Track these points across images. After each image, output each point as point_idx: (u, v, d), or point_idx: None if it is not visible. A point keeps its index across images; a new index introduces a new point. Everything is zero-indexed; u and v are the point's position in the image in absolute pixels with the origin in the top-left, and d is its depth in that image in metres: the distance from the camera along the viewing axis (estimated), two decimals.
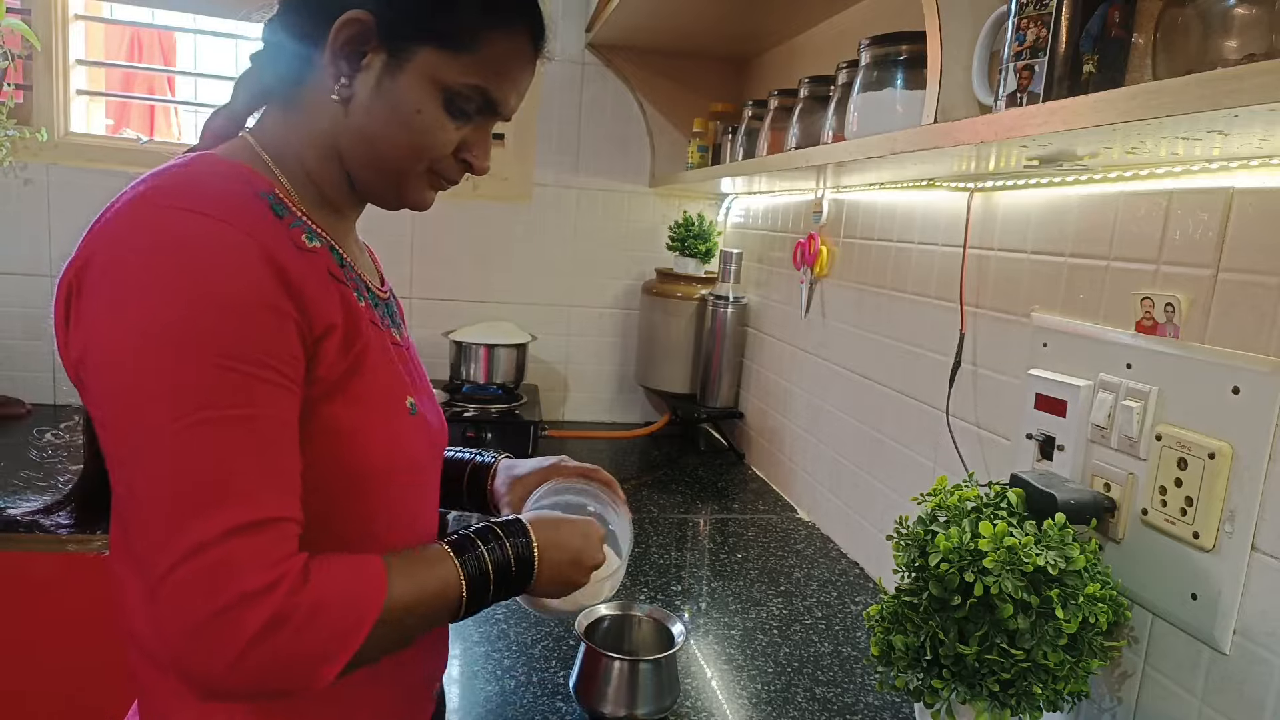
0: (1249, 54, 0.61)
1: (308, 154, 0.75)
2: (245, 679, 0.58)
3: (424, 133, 0.74)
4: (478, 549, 0.74)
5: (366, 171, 0.76)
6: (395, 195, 0.79)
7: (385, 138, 0.73)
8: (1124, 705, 0.89)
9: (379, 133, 0.73)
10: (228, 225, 0.63)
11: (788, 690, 1.07)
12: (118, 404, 0.60)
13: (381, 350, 0.76)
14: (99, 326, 0.61)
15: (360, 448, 0.72)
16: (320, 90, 0.73)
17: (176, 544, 0.57)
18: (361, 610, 0.63)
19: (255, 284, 0.63)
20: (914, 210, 1.36)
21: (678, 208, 2.35)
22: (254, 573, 0.58)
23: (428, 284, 2.25)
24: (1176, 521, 0.82)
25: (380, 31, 0.71)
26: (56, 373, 2.08)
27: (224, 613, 0.57)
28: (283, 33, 0.75)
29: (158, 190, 0.64)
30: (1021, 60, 0.79)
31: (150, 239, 0.62)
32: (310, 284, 0.67)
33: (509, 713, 0.98)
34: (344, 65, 0.72)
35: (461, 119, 0.75)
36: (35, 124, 1.99)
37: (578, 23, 2.22)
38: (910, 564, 0.86)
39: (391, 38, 0.71)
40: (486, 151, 0.80)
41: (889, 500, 1.41)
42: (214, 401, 0.59)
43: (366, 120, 0.73)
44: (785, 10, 1.73)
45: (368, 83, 0.72)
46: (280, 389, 0.63)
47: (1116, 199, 0.93)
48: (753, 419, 2.07)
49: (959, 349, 1.20)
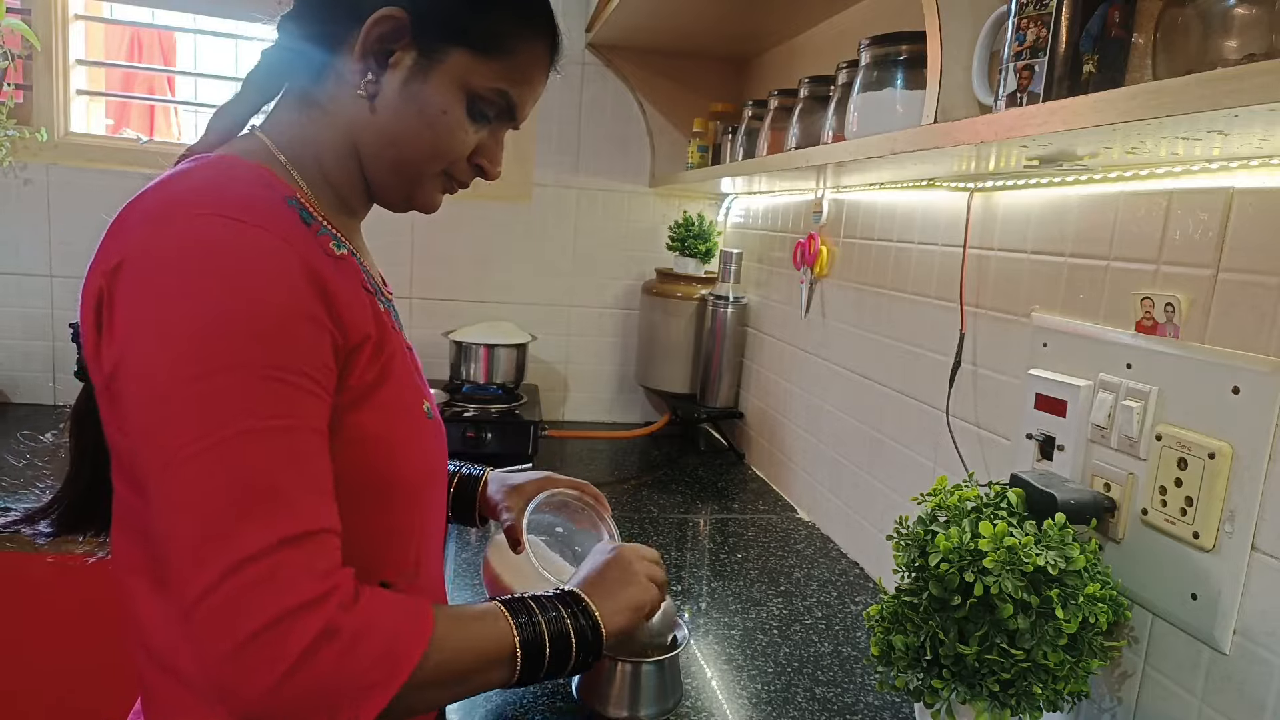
0: (1249, 54, 0.61)
1: (326, 154, 0.74)
2: (289, 701, 0.55)
3: (447, 134, 0.74)
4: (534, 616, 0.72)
5: (384, 171, 0.75)
6: (409, 196, 0.78)
7: (408, 137, 0.73)
8: (1124, 705, 0.89)
9: (402, 131, 0.73)
10: (265, 231, 0.62)
11: (788, 690, 1.07)
12: (154, 414, 0.58)
13: (402, 356, 0.76)
14: (136, 336, 0.59)
15: (386, 454, 0.71)
16: (341, 87, 0.72)
17: (218, 560, 0.54)
18: (410, 638, 0.61)
19: (294, 291, 0.62)
20: (914, 210, 1.36)
21: (678, 208, 2.35)
22: (306, 584, 0.56)
23: (428, 284, 2.25)
24: (1176, 521, 0.82)
25: (414, 30, 0.70)
26: (57, 373, 2.08)
27: (273, 626, 0.54)
28: (304, 28, 0.74)
29: (190, 194, 0.63)
30: (1021, 60, 0.79)
31: (187, 246, 0.60)
32: (344, 293, 0.66)
33: (509, 712, 0.98)
34: (373, 62, 0.71)
35: (481, 123, 0.76)
36: (35, 124, 1.99)
37: (578, 23, 2.22)
38: (910, 564, 0.86)
39: (424, 37, 0.71)
40: (499, 157, 0.80)
41: (889, 500, 1.41)
42: (254, 410, 0.58)
43: (391, 118, 0.72)
44: (785, 10, 1.73)
45: (395, 81, 0.71)
46: (315, 398, 0.62)
47: (1116, 199, 0.93)
48: (753, 419, 2.07)
49: (959, 349, 1.20)
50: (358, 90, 0.72)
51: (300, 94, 0.75)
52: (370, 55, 0.71)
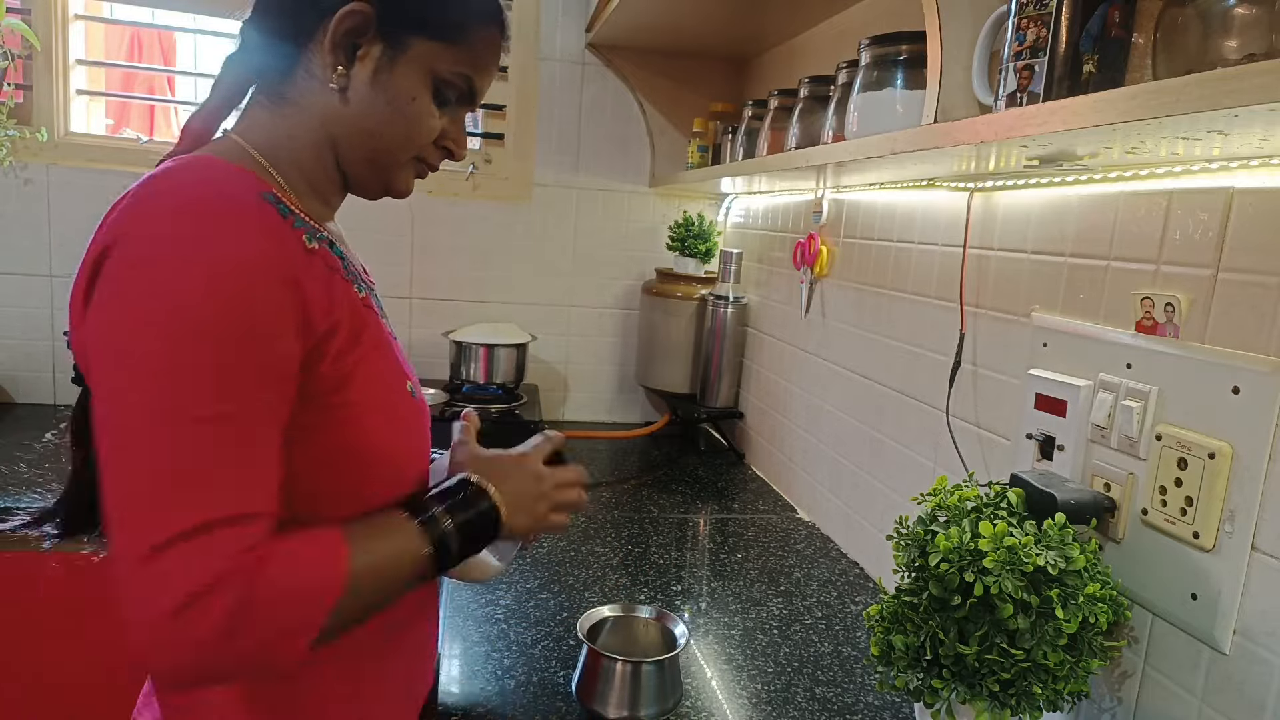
0: (1249, 54, 0.61)
1: (301, 148, 0.77)
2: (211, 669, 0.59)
3: (417, 120, 0.78)
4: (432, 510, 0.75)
5: (360, 160, 0.79)
6: (385, 183, 0.82)
7: (381, 125, 0.77)
8: (1124, 705, 0.89)
9: (375, 120, 0.76)
10: (241, 224, 0.65)
11: (788, 690, 1.07)
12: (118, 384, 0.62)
13: (383, 339, 0.79)
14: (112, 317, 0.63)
15: (372, 431, 0.74)
16: (312, 82, 0.76)
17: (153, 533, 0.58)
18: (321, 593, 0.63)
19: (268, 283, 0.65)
20: (914, 210, 1.36)
21: (678, 208, 2.35)
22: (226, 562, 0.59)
23: (428, 284, 2.25)
24: (1176, 521, 0.82)
25: (379, 22, 0.74)
26: (56, 373, 2.08)
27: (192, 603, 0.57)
28: (269, 28, 0.77)
29: (171, 187, 0.66)
30: (1021, 60, 0.79)
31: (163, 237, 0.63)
32: (318, 284, 0.69)
33: (509, 712, 0.98)
34: (342, 55, 0.74)
35: (445, 107, 0.80)
36: (35, 124, 1.99)
37: (578, 23, 2.22)
38: (910, 564, 0.86)
39: (389, 28, 0.74)
40: (464, 138, 0.84)
41: (889, 500, 1.41)
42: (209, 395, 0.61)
43: (363, 109, 0.76)
44: (785, 10, 1.73)
45: (364, 72, 0.75)
46: (272, 388, 0.65)
47: (1116, 199, 0.93)
48: (752, 419, 2.07)
49: (959, 349, 1.20)
50: (329, 84, 0.75)
51: (271, 92, 0.77)
52: (339, 49, 0.74)
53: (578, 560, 1.43)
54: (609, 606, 1.07)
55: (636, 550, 1.49)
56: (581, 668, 0.99)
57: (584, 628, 1.01)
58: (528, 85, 2.23)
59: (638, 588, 1.34)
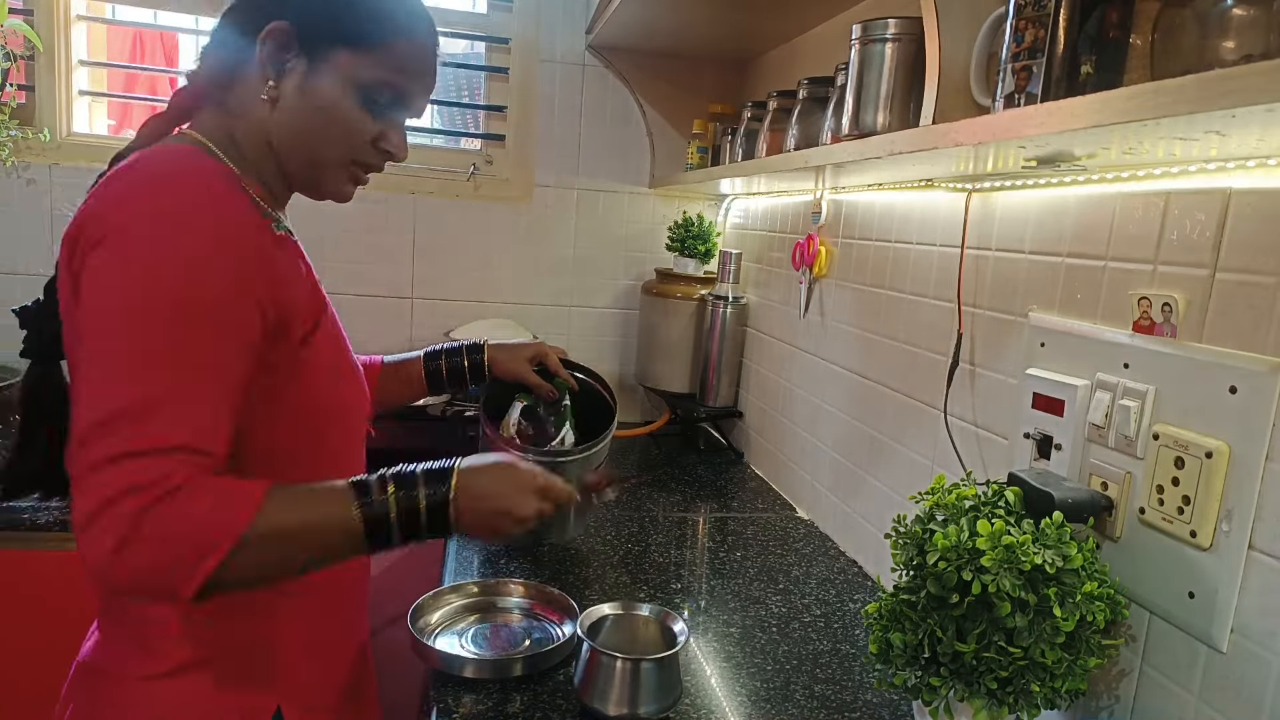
0: (1246, 55, 0.61)
1: (248, 151, 0.86)
2: (121, 575, 0.66)
3: (342, 124, 0.85)
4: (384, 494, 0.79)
5: (296, 162, 0.88)
6: (317, 184, 0.90)
7: (310, 131, 0.85)
8: (1122, 703, 0.89)
9: (304, 127, 0.85)
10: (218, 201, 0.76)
11: (787, 688, 1.08)
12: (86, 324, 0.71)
13: (331, 311, 0.92)
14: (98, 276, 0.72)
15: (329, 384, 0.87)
16: (249, 94, 0.85)
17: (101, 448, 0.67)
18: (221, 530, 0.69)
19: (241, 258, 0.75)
20: (912, 211, 1.36)
21: (677, 208, 2.35)
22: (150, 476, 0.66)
23: (428, 284, 2.26)
24: (1174, 520, 0.82)
25: (300, 37, 0.82)
26: None
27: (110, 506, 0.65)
28: (221, 49, 0.86)
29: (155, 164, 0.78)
30: (1019, 61, 0.80)
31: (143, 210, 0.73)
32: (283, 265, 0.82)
33: (508, 711, 0.98)
34: (271, 69, 0.83)
35: (376, 111, 0.86)
36: (37, 124, 1.99)
37: (578, 24, 2.23)
38: (908, 562, 0.87)
39: (309, 42, 0.83)
40: (403, 141, 0.91)
41: (887, 499, 1.41)
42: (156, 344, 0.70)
43: (294, 115, 0.84)
44: (785, 11, 1.74)
45: (292, 83, 0.84)
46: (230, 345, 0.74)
47: (1114, 199, 0.94)
48: (752, 418, 2.08)
49: (956, 348, 1.21)
50: (262, 96, 0.83)
51: (217, 103, 0.87)
52: (269, 64, 0.83)
53: (578, 558, 1.43)
54: (609, 604, 1.07)
55: (636, 549, 1.50)
56: (581, 665, 0.99)
57: (584, 625, 1.02)
58: (528, 87, 2.24)
59: (638, 586, 1.34)
